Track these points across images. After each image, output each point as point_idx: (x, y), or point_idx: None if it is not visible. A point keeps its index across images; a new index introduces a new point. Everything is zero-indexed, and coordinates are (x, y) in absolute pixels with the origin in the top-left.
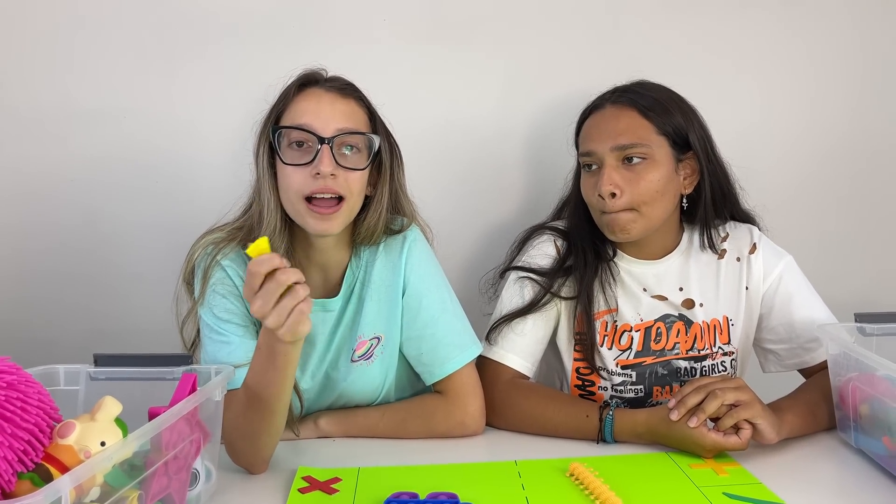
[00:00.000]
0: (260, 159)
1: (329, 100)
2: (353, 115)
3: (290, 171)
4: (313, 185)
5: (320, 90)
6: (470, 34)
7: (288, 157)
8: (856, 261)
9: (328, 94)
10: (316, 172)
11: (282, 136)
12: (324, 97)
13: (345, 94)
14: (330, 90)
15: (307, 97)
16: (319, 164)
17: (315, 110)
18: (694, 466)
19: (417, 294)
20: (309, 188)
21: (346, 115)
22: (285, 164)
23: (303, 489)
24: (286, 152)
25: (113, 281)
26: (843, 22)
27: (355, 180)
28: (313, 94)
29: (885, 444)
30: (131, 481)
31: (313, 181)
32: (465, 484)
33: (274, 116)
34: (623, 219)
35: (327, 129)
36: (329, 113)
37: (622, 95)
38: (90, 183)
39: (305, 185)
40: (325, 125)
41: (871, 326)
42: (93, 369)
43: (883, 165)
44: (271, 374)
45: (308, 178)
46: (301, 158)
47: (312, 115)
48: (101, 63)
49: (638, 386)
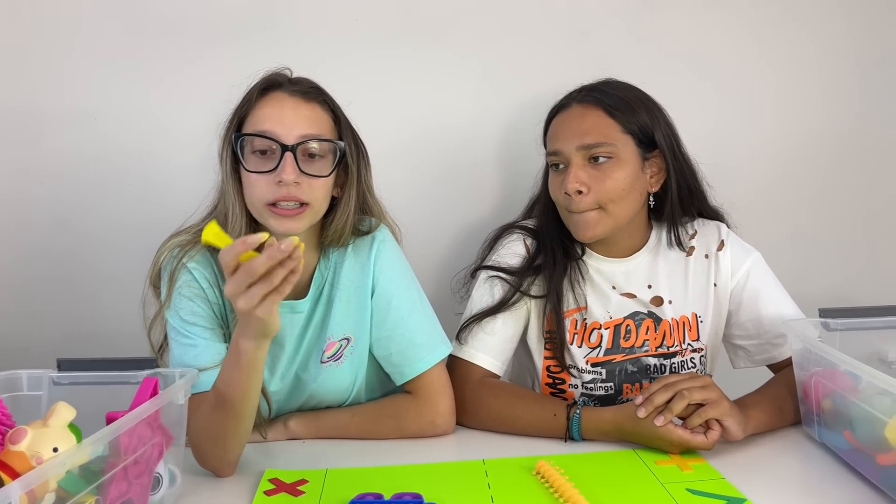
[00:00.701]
0: (224, 163)
1: (292, 105)
2: (317, 121)
3: (253, 178)
4: (276, 193)
5: (283, 94)
6: (443, 34)
7: (251, 164)
8: (824, 257)
9: (291, 99)
10: (279, 180)
11: (244, 142)
12: (287, 102)
13: (308, 98)
14: (293, 94)
15: (270, 102)
16: (282, 173)
17: (278, 116)
18: (660, 463)
19: (387, 294)
20: (272, 195)
21: (310, 121)
22: (248, 171)
23: (269, 491)
24: (249, 159)
25: (86, 284)
26: (811, 21)
27: (319, 187)
28: (276, 98)
29: (846, 438)
30: (88, 486)
31: (276, 188)
32: (432, 484)
33: (237, 121)
34: (589, 217)
35: (290, 135)
36: (292, 119)
37: (588, 94)
38: (61, 185)
39: (268, 192)
40: (287, 132)
41: (835, 321)
42: (56, 374)
43: (850, 163)
44: (236, 374)
45: (271, 184)
46: (264, 165)
47: (275, 122)
48: (73, 64)
49: (608, 383)
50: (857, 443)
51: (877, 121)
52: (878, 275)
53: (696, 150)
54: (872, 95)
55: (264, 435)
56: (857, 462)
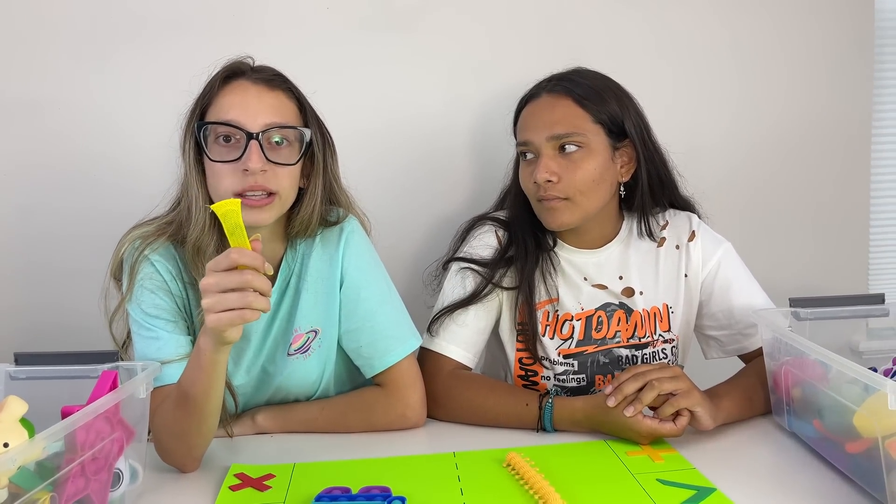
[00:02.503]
0: (186, 154)
1: (256, 92)
2: (282, 108)
3: (217, 168)
4: (243, 183)
5: (247, 82)
6: (415, 23)
7: (215, 154)
8: (793, 247)
9: (255, 87)
10: (244, 169)
11: (208, 132)
12: (250, 90)
13: (272, 85)
14: (257, 82)
15: (233, 90)
16: (248, 161)
17: (241, 104)
18: (631, 454)
19: (356, 286)
20: (239, 185)
21: (275, 109)
22: (212, 161)
23: (234, 486)
24: (213, 148)
25: (47, 277)
26: (769, 13)
27: (286, 175)
28: (239, 86)
29: (815, 426)
30: (42, 482)
31: (243, 177)
32: (401, 477)
33: (199, 111)
34: (557, 206)
35: (255, 123)
36: (256, 107)
37: (558, 84)
38: (20, 177)
39: (235, 183)
40: (252, 120)
41: (805, 311)
42: (13, 368)
43: (818, 153)
44: (197, 373)
45: (237, 174)
46: (229, 155)
47: (239, 110)
48: (29, 54)
49: (580, 375)
50: (826, 431)
51: (846, 110)
52: (847, 264)
53: (667, 138)
54: (841, 84)
55: (230, 432)
56: (826, 451)
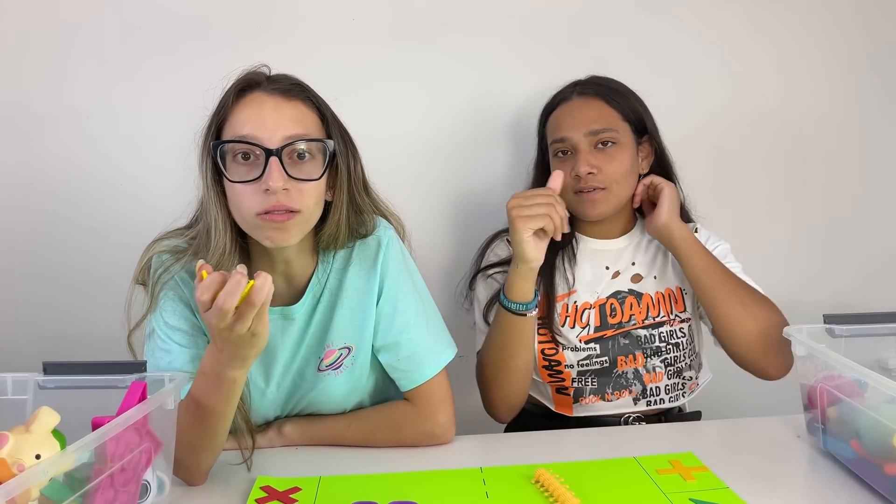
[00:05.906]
0: (204, 174)
1: (273, 105)
2: (302, 119)
3: (238, 189)
4: (265, 203)
5: (262, 94)
6: (440, 33)
7: (234, 174)
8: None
9: (271, 99)
10: (265, 188)
11: (225, 151)
12: (266, 102)
13: (290, 95)
14: (273, 93)
15: (248, 104)
16: (269, 180)
17: (258, 118)
18: (661, 472)
19: (393, 299)
20: (260, 206)
21: (294, 120)
22: (231, 181)
23: (260, 499)
24: (231, 167)
25: (74, 285)
26: (792, 23)
27: (310, 192)
28: (255, 99)
29: (853, 447)
30: (73, 494)
31: (264, 197)
32: (428, 492)
33: (214, 128)
34: (597, 197)
35: (273, 138)
36: (274, 120)
37: (587, 87)
38: (50, 186)
39: (256, 203)
40: (270, 134)
41: (840, 328)
42: (41, 378)
43: (855, 165)
44: (215, 398)
45: (258, 194)
46: (248, 174)
47: (255, 124)
48: (64, 64)
49: (602, 357)
50: (865, 452)
51: (878, 120)
52: (882, 281)
53: (693, 149)
54: (876, 92)
55: (251, 444)
56: (865, 472)
